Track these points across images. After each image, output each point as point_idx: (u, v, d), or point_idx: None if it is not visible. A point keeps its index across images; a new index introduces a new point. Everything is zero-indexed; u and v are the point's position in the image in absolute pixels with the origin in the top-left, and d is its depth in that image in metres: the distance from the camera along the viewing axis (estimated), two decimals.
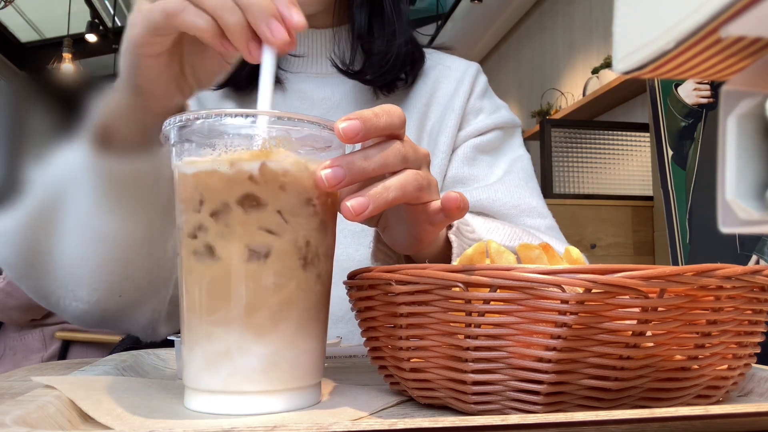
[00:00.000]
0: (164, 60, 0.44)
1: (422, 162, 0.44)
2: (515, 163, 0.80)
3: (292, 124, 0.37)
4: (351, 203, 0.38)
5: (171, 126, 0.38)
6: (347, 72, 0.77)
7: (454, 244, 0.51)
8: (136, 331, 0.65)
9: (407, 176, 0.41)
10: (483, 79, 0.86)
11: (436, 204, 0.43)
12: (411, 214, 0.45)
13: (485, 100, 0.84)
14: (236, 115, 0.36)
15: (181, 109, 0.50)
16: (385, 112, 0.40)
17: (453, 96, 0.81)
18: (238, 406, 0.36)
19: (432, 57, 0.85)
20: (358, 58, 0.78)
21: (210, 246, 0.36)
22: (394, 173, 0.41)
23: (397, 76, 0.79)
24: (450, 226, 0.52)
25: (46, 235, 0.57)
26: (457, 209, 0.42)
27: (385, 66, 0.76)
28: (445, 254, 0.52)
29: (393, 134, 0.41)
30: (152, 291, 0.61)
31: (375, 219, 0.50)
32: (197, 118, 0.36)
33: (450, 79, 0.83)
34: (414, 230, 0.46)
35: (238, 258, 0.36)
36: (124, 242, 0.56)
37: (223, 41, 0.40)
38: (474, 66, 0.86)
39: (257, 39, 0.40)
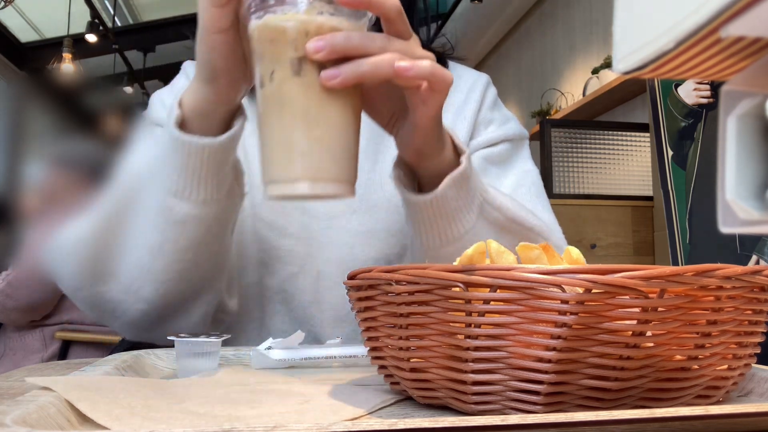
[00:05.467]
0: (231, 37, 0.48)
1: (416, 51, 0.46)
2: (525, 177, 0.82)
3: None
4: (323, 73, 0.42)
5: None
6: None
7: (463, 162, 0.54)
8: (185, 331, 0.67)
9: (384, 56, 0.44)
10: (493, 90, 0.88)
11: (424, 84, 0.46)
12: (407, 99, 0.48)
13: (495, 112, 0.86)
14: None
15: (239, 108, 0.56)
16: (366, 37, 0.43)
17: (464, 104, 0.84)
18: (302, 188, 0.42)
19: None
20: None
21: (284, 78, 0.42)
22: None
23: None
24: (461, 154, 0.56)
25: (120, 231, 0.61)
26: (425, 75, 0.44)
27: None
28: (450, 168, 0.55)
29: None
30: (212, 276, 0.65)
31: (391, 124, 0.53)
32: None
33: (461, 88, 0.85)
34: (412, 117, 0.49)
35: (304, 84, 0.42)
36: (198, 223, 0.58)
37: None
38: (484, 77, 0.88)
39: None
